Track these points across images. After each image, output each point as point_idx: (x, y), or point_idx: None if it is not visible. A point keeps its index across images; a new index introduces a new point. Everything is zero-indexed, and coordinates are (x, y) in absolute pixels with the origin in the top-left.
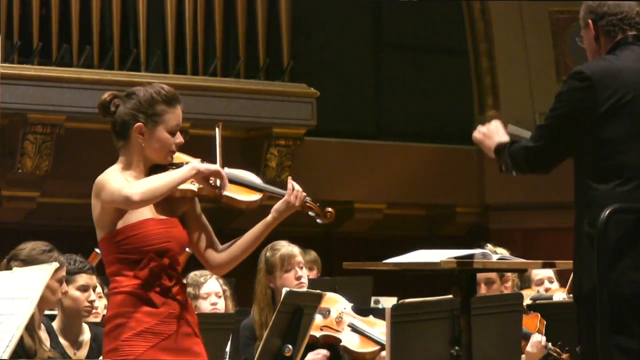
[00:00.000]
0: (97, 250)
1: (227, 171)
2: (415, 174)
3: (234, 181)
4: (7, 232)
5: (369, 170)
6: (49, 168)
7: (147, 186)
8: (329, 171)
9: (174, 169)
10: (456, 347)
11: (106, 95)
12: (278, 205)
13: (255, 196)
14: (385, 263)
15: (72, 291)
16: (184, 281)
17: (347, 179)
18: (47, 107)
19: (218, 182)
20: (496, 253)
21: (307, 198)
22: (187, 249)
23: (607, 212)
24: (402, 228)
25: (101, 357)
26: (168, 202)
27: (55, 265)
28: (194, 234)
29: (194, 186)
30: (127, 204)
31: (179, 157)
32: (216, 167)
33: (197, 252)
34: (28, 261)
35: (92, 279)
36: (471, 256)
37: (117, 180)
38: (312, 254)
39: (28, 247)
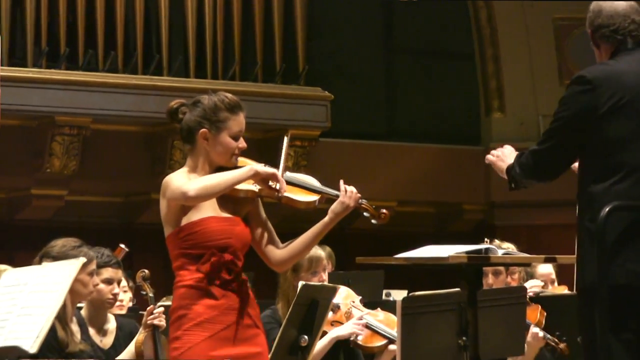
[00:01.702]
0: (122, 245)
1: (288, 174)
2: (424, 173)
3: (293, 183)
4: (37, 229)
5: (380, 169)
6: (76, 168)
7: (203, 183)
8: (342, 170)
9: None
10: (463, 338)
11: (173, 103)
12: (334, 206)
13: (313, 197)
14: (396, 258)
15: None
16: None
17: (359, 178)
18: (74, 109)
19: (277, 185)
20: (501, 248)
21: (362, 200)
22: None
23: (607, 209)
24: (412, 224)
25: (132, 342)
26: (232, 202)
27: (83, 260)
28: (256, 233)
29: (255, 187)
30: (184, 199)
31: (243, 161)
32: (273, 170)
33: (259, 249)
34: (59, 257)
35: (117, 273)
36: (478, 251)
37: (180, 179)
38: (327, 250)
39: (59, 244)
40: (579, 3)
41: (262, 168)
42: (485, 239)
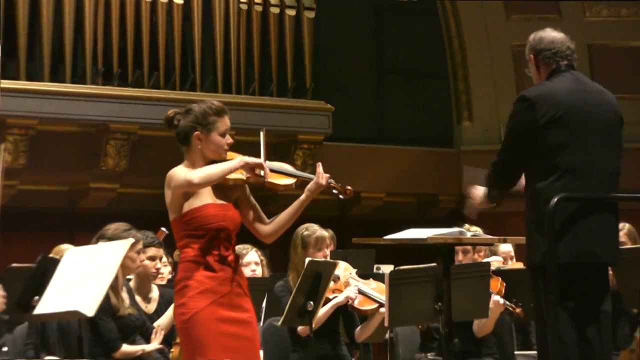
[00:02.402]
0: (163, 228)
1: (269, 163)
2: (407, 170)
3: (274, 170)
4: (94, 215)
5: (372, 167)
6: (126, 166)
7: (204, 172)
8: (341, 168)
9: None
10: (439, 303)
11: (170, 112)
12: (309, 185)
13: (291, 180)
14: (385, 239)
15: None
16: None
17: (355, 174)
18: (125, 119)
19: (262, 172)
20: (470, 231)
21: (330, 180)
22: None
23: (555, 200)
24: (398, 212)
25: (171, 307)
26: (224, 190)
27: (131, 240)
28: (246, 213)
29: (242, 176)
30: (189, 185)
31: (231, 154)
32: (260, 160)
33: (249, 225)
34: (113, 238)
35: (159, 252)
36: (451, 233)
37: (183, 171)
38: (330, 232)
39: (112, 228)
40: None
41: (250, 159)
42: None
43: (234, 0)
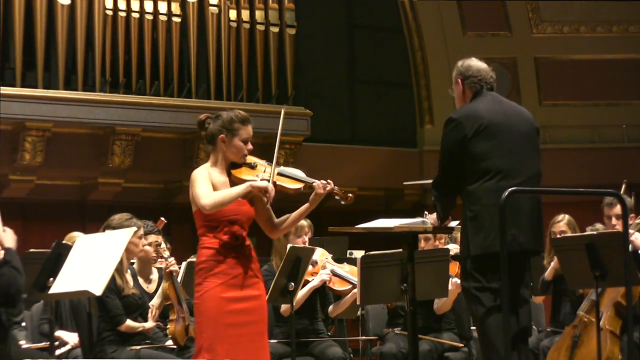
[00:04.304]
0: (162, 218)
1: (281, 168)
2: (377, 167)
3: (285, 175)
4: (102, 207)
5: (346, 165)
6: (130, 163)
7: (216, 200)
8: (318, 166)
9: (246, 166)
10: (404, 284)
11: (202, 117)
12: (311, 196)
13: (299, 185)
14: (357, 227)
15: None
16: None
17: (330, 170)
18: (129, 122)
19: (267, 195)
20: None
21: (335, 187)
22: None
23: (506, 193)
24: (368, 204)
25: (160, 288)
26: None
27: (134, 229)
28: (259, 211)
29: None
30: (202, 209)
31: (250, 158)
32: (265, 184)
33: (261, 222)
34: (117, 227)
35: (158, 238)
36: (414, 223)
37: (202, 182)
38: (308, 221)
39: (117, 218)
40: (484, 51)
41: (257, 184)
42: (425, 213)
43: (225, 19)
